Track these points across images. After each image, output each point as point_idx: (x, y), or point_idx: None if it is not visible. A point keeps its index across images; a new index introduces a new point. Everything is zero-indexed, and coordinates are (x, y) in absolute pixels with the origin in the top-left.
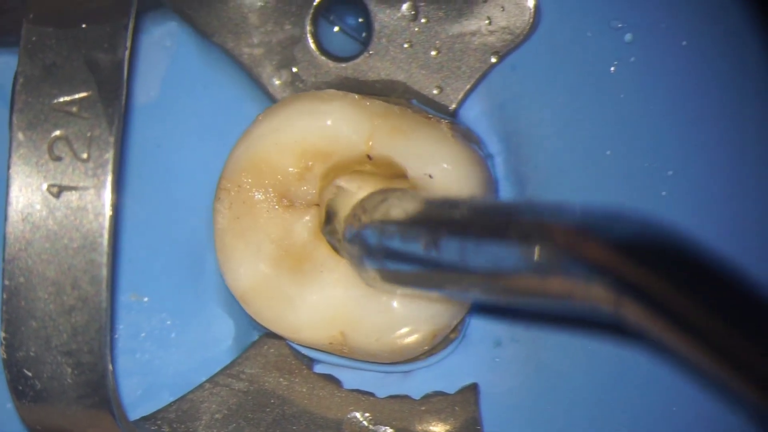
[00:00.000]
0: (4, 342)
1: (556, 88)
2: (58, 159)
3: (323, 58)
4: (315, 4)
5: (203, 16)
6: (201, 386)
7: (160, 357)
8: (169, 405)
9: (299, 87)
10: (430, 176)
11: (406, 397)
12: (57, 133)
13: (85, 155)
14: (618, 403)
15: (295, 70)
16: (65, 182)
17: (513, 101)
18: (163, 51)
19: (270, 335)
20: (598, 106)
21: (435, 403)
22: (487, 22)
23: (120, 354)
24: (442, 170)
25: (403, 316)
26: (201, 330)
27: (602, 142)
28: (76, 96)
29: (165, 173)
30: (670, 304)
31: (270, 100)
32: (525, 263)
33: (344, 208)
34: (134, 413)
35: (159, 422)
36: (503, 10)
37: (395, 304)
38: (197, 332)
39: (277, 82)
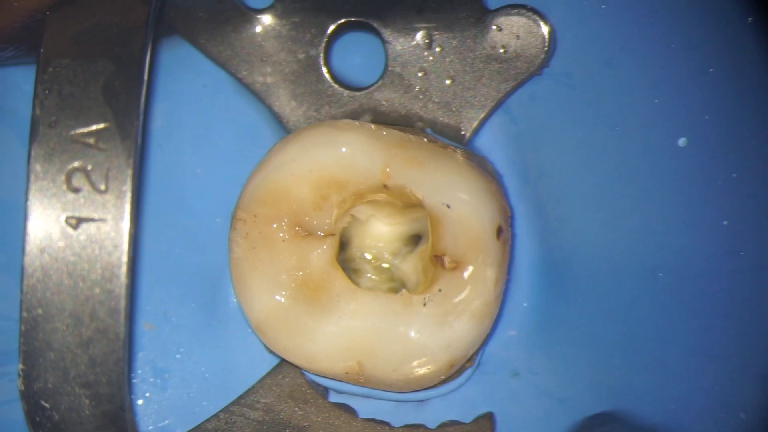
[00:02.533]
0: (21, 373)
1: (575, 118)
2: (77, 190)
3: (337, 86)
4: (329, 32)
5: (216, 45)
6: (216, 416)
7: (174, 386)
8: None
9: (313, 116)
10: (448, 206)
11: (421, 426)
12: (75, 164)
13: (103, 186)
14: None
15: (308, 98)
16: (83, 214)
17: (530, 131)
18: (177, 78)
19: (285, 364)
20: (617, 138)
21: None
22: (502, 50)
23: (135, 384)
24: (459, 200)
25: (420, 347)
26: (216, 359)
27: (620, 174)
28: (94, 127)
29: (181, 200)
30: None
31: (283, 128)
32: None
33: (357, 237)
34: None
35: None
36: (518, 39)
37: (412, 334)
38: (212, 361)
39: (291, 111)
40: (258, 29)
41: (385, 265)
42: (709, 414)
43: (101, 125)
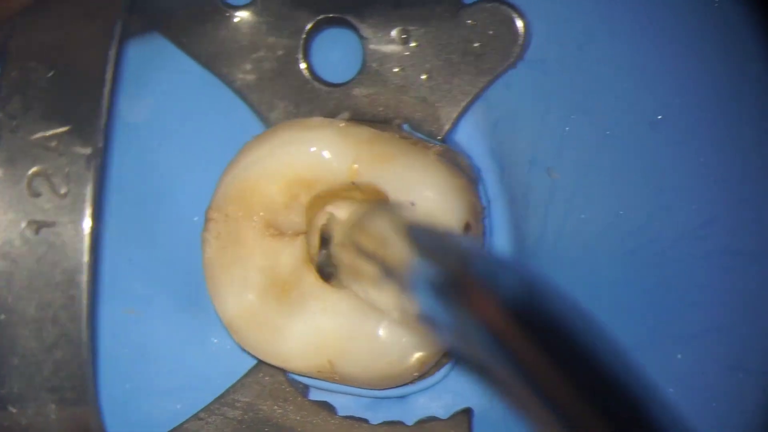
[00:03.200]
0: None
1: (552, 107)
2: (38, 195)
3: (315, 83)
4: (307, 29)
5: (196, 43)
6: (196, 416)
7: (152, 386)
8: None
9: (292, 112)
10: (413, 203)
11: (399, 423)
12: (36, 168)
13: (64, 191)
14: None
15: (287, 95)
16: (44, 218)
17: (507, 121)
18: (157, 74)
19: (265, 362)
20: (594, 124)
21: (428, 429)
22: (477, 45)
23: (111, 383)
24: (424, 198)
25: (388, 346)
26: (196, 357)
27: (598, 160)
28: (55, 131)
29: (164, 195)
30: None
31: (263, 125)
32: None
33: (338, 234)
34: None
35: None
36: (492, 33)
37: (381, 332)
38: (191, 360)
39: (270, 108)
40: (237, 27)
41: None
42: (687, 394)
43: (62, 129)
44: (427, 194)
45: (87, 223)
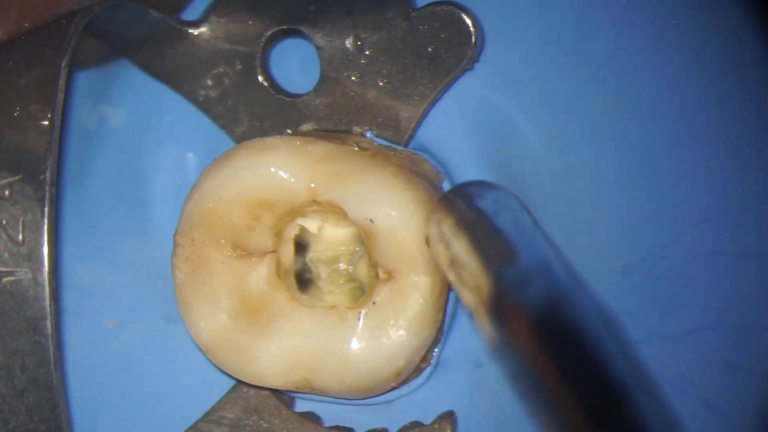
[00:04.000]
0: None
1: (516, 107)
2: None
3: (276, 95)
4: (262, 42)
5: (155, 62)
6: None
7: (136, 408)
8: None
9: (257, 125)
10: (371, 221)
11: (384, 430)
12: None
13: (20, 238)
14: None
15: (250, 109)
16: (3, 268)
17: (469, 122)
18: (121, 94)
19: None
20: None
21: None
22: (430, 49)
23: (98, 403)
24: (383, 214)
25: (360, 360)
26: (178, 377)
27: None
28: (6, 181)
29: (143, 204)
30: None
31: (231, 139)
32: None
33: (313, 243)
34: None
35: None
36: (444, 36)
37: (352, 348)
38: (174, 379)
39: (235, 122)
40: (194, 43)
41: (342, 267)
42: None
43: (13, 178)
44: (385, 210)
45: (44, 271)
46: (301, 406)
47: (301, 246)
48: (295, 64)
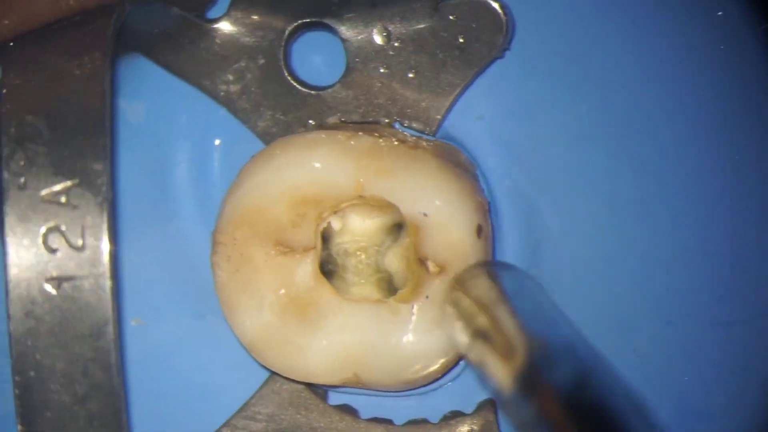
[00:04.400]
0: None
1: (543, 95)
2: (54, 251)
3: (300, 88)
4: (286, 35)
5: (176, 59)
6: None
7: (169, 402)
8: None
9: (280, 119)
10: (425, 215)
11: (424, 421)
12: (50, 224)
13: (80, 244)
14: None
15: (274, 103)
16: (64, 273)
17: (499, 112)
18: (140, 92)
19: None
20: (581, 114)
21: (454, 425)
22: (461, 39)
23: (132, 404)
24: (435, 207)
25: (413, 354)
26: (213, 371)
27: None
28: (63, 185)
29: (165, 204)
30: None
31: (253, 134)
32: None
33: (339, 234)
34: None
35: None
36: (475, 26)
37: (404, 343)
38: (209, 374)
39: (258, 117)
40: (215, 39)
41: (369, 259)
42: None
43: (70, 182)
44: (437, 204)
45: (107, 275)
46: (335, 398)
47: (326, 238)
48: (319, 58)
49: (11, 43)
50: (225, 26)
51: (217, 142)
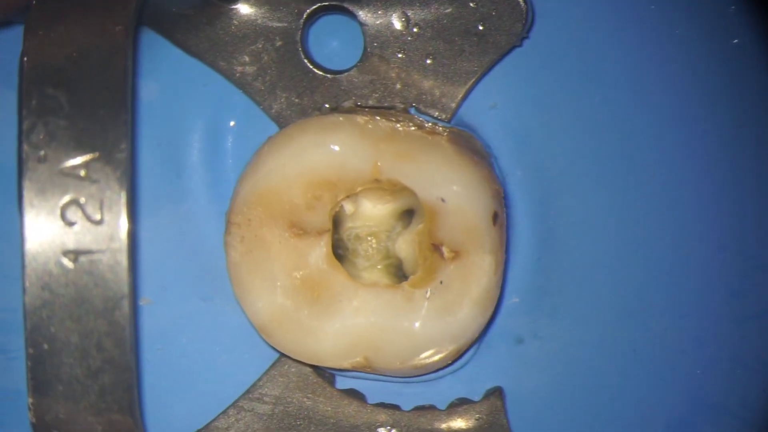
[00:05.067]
0: (32, 407)
1: (556, 87)
2: (72, 224)
3: (316, 71)
4: (304, 18)
5: (192, 39)
6: (225, 413)
7: (178, 386)
8: None
9: (295, 102)
10: (443, 200)
11: (431, 407)
12: (68, 198)
13: (98, 218)
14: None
15: (289, 85)
16: (81, 247)
17: (513, 100)
18: (154, 70)
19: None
20: (595, 105)
21: (461, 412)
22: (481, 26)
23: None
24: (452, 193)
25: (425, 339)
26: (219, 353)
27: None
28: (83, 159)
29: (179, 185)
30: None
31: (267, 116)
32: None
33: (350, 218)
34: None
35: None
36: (495, 14)
37: (417, 327)
38: (216, 354)
39: (273, 99)
40: (233, 20)
41: (380, 244)
42: (710, 371)
43: (90, 156)
44: (455, 189)
45: (124, 249)
46: (342, 383)
47: (337, 222)
48: (336, 41)
49: (33, 18)
50: (243, 7)
51: (231, 123)
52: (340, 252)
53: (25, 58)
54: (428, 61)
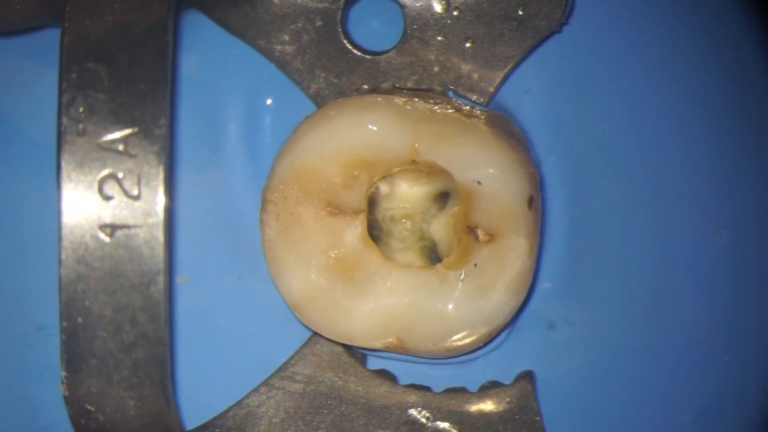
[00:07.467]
0: (65, 380)
1: (596, 70)
2: (109, 198)
3: (356, 52)
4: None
5: (232, 17)
6: (257, 390)
7: (211, 363)
8: (226, 411)
9: (334, 82)
10: (479, 182)
11: (462, 389)
12: (106, 172)
13: (135, 193)
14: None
15: (328, 65)
16: (118, 221)
17: (552, 87)
18: (194, 48)
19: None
20: (629, 92)
21: (492, 395)
22: (521, 11)
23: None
24: (489, 175)
25: (458, 321)
26: (254, 331)
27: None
28: (122, 133)
29: (216, 161)
30: None
31: (306, 95)
32: None
33: (385, 199)
34: (191, 421)
35: (217, 430)
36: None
37: (450, 309)
38: (250, 333)
39: (312, 79)
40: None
41: (414, 226)
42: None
43: (129, 131)
44: (492, 172)
45: (161, 225)
46: (373, 363)
47: (373, 202)
48: (376, 22)
49: None
50: None
51: (269, 101)
52: (374, 233)
53: (66, 32)
54: (467, 45)
